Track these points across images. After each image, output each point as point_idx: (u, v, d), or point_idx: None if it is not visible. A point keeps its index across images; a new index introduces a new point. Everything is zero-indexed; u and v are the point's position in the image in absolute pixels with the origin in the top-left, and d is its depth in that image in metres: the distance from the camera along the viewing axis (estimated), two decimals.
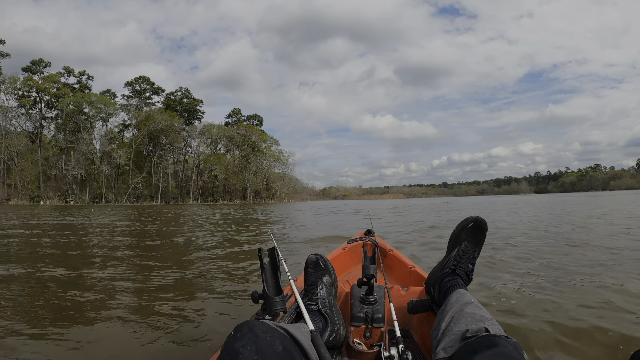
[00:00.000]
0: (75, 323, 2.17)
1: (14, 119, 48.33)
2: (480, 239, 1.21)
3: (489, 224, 1.24)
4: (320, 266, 1.33)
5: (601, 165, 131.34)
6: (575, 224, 7.81)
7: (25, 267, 3.79)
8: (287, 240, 6.30)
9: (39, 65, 50.48)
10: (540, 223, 8.45)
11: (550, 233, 6.34)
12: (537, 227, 7.45)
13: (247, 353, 0.65)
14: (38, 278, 3.32)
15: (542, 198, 39.72)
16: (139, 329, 2.05)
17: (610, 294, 2.50)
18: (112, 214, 17.09)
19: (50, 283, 3.14)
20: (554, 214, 11.79)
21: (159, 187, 54.04)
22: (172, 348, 1.82)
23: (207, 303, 2.54)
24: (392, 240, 5.66)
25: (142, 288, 2.96)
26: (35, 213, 17.38)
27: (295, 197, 72.06)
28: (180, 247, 5.54)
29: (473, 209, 18.30)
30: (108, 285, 3.05)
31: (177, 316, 2.26)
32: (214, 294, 2.77)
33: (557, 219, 9.65)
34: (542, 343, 1.76)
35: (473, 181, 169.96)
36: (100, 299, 2.66)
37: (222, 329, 2.02)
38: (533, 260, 3.81)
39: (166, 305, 2.48)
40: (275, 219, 12.79)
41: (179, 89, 62.22)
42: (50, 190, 46.64)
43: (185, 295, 2.74)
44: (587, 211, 12.41)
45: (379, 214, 14.56)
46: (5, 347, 1.84)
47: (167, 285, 3.06)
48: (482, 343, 0.76)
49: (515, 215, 11.37)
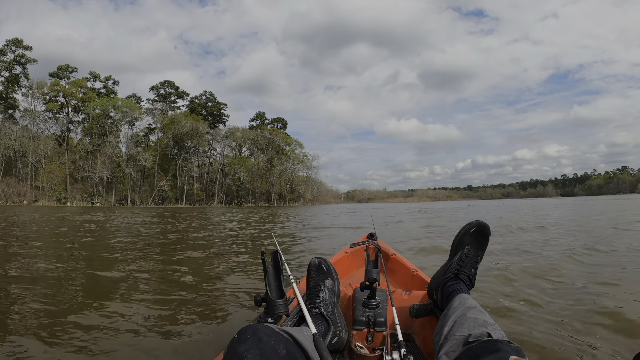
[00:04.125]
0: (78, 316, 2.18)
1: (41, 123, 48.79)
2: (483, 243, 1.19)
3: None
4: (323, 269, 1.33)
5: (629, 168, 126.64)
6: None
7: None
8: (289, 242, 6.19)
9: (65, 71, 50.83)
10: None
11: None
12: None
13: (251, 357, 0.65)
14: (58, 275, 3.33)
15: (570, 201, 37.60)
16: (139, 329, 2.02)
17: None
18: (134, 215, 17.02)
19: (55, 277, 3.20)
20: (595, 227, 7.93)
21: (184, 189, 53.38)
22: (174, 349, 1.79)
23: (210, 306, 2.48)
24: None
25: (143, 288, 2.92)
26: (61, 214, 18.04)
27: (320, 200, 70.41)
28: (193, 248, 5.47)
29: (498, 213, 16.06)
30: (110, 282, 3.14)
31: (179, 317, 2.23)
32: (217, 296, 2.69)
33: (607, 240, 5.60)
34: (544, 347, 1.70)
35: (498, 184, 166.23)
36: (101, 294, 2.74)
37: (226, 332, 2.00)
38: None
39: (168, 306, 2.44)
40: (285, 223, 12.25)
41: (204, 93, 62.09)
42: (76, 192, 46.51)
43: (188, 297, 2.66)
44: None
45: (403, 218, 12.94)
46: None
47: (169, 284, 3.05)
48: (485, 348, 0.75)
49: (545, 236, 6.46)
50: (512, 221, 9.94)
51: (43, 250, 4.96)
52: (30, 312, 2.27)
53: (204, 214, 18.91)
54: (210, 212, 22.79)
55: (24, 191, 42.77)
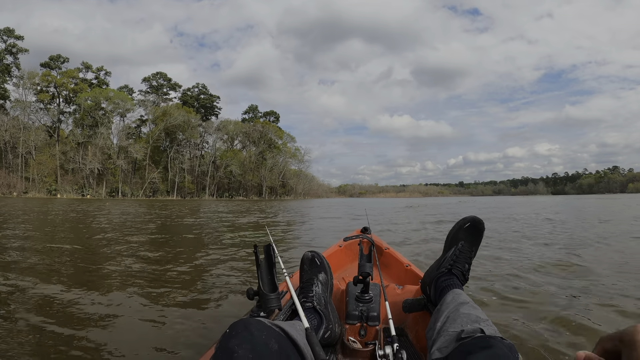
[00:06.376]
0: (71, 313, 2.17)
1: (32, 114, 48.47)
2: (477, 239, 1.19)
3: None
4: (316, 263, 1.31)
5: (619, 168, 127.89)
6: None
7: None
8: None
9: (57, 61, 50.55)
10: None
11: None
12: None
13: (242, 352, 0.64)
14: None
15: (561, 200, 37.33)
16: (130, 323, 2.01)
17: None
18: (124, 206, 17.30)
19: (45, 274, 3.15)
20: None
21: (175, 182, 53.57)
22: (165, 344, 1.77)
23: (202, 299, 2.50)
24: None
25: (133, 282, 2.90)
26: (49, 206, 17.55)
27: (311, 194, 70.99)
28: (183, 241, 5.52)
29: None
30: (97, 277, 3.12)
31: (170, 312, 2.22)
32: (209, 290, 2.72)
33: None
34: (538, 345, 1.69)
35: (490, 181, 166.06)
36: (90, 289, 2.69)
37: (217, 326, 1.99)
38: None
39: (158, 300, 2.44)
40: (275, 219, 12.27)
41: (196, 85, 62.06)
42: (67, 184, 46.53)
43: (179, 291, 2.68)
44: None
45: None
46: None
47: (161, 278, 3.04)
48: (477, 344, 0.75)
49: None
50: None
51: (30, 242, 5.02)
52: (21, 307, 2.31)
53: (194, 207, 18.86)
54: (202, 205, 22.89)
55: (14, 183, 42.74)
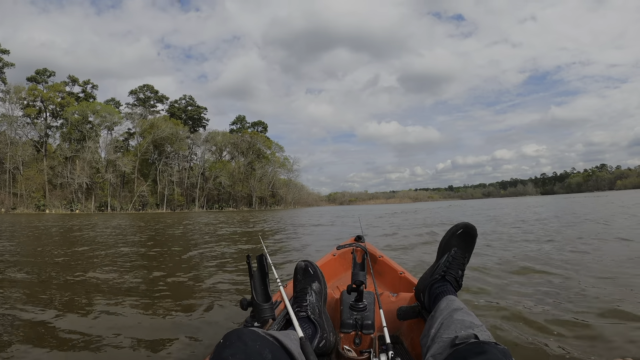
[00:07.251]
0: (56, 325, 2.18)
1: (19, 129, 48.23)
2: (470, 245, 1.19)
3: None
4: (309, 273, 1.31)
5: (607, 165, 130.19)
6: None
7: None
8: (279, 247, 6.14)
9: (43, 75, 50.61)
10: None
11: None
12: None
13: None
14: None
15: (551, 199, 38.33)
16: (122, 334, 2.01)
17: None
18: (115, 221, 16.91)
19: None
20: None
21: (164, 194, 53.72)
22: (158, 355, 1.77)
23: (196, 310, 2.50)
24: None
25: (125, 293, 2.93)
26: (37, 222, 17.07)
27: (301, 203, 71.46)
28: (174, 253, 5.52)
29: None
30: (90, 287, 3.16)
31: (163, 322, 2.24)
32: (203, 300, 2.73)
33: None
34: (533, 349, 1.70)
35: (479, 184, 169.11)
36: (85, 301, 2.74)
37: (211, 336, 2.00)
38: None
39: (151, 311, 2.46)
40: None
41: (183, 97, 62.53)
42: (55, 199, 46.38)
43: (174, 302, 2.70)
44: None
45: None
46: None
47: (155, 290, 3.04)
48: (471, 350, 0.76)
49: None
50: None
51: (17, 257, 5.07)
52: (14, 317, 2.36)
53: (184, 219, 18.72)
54: (191, 217, 22.75)
55: (2, 199, 42.53)
